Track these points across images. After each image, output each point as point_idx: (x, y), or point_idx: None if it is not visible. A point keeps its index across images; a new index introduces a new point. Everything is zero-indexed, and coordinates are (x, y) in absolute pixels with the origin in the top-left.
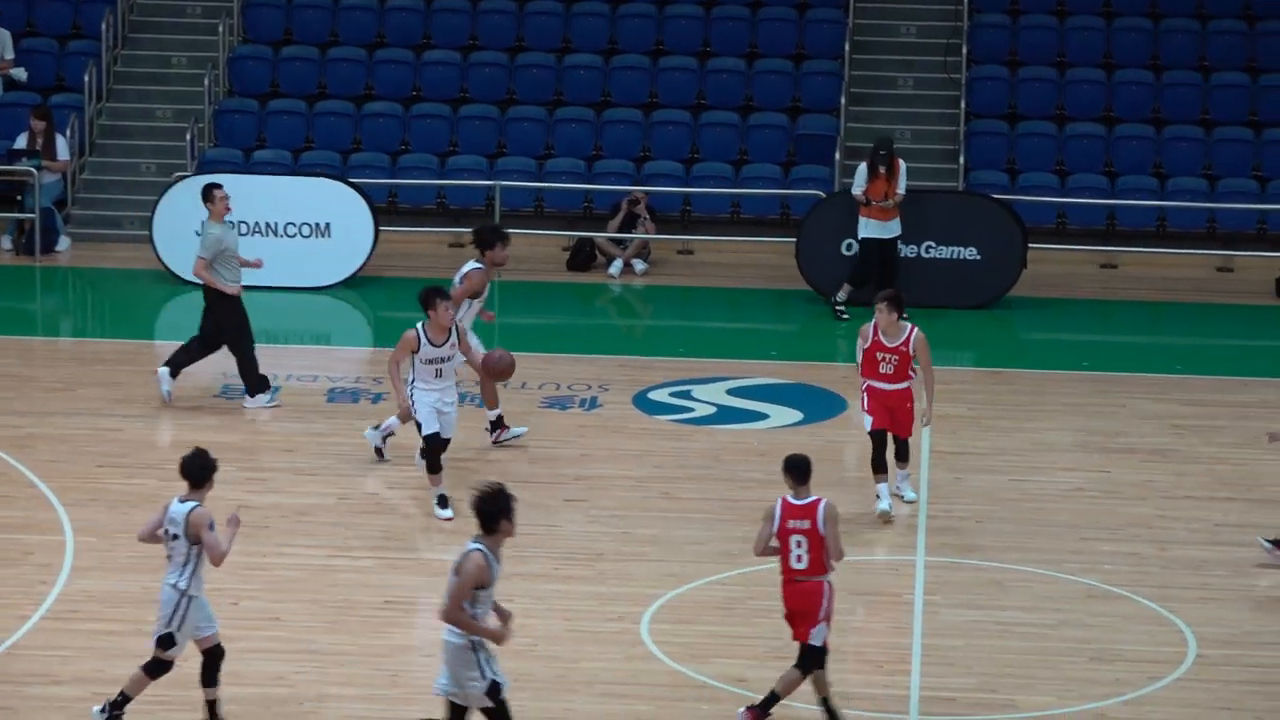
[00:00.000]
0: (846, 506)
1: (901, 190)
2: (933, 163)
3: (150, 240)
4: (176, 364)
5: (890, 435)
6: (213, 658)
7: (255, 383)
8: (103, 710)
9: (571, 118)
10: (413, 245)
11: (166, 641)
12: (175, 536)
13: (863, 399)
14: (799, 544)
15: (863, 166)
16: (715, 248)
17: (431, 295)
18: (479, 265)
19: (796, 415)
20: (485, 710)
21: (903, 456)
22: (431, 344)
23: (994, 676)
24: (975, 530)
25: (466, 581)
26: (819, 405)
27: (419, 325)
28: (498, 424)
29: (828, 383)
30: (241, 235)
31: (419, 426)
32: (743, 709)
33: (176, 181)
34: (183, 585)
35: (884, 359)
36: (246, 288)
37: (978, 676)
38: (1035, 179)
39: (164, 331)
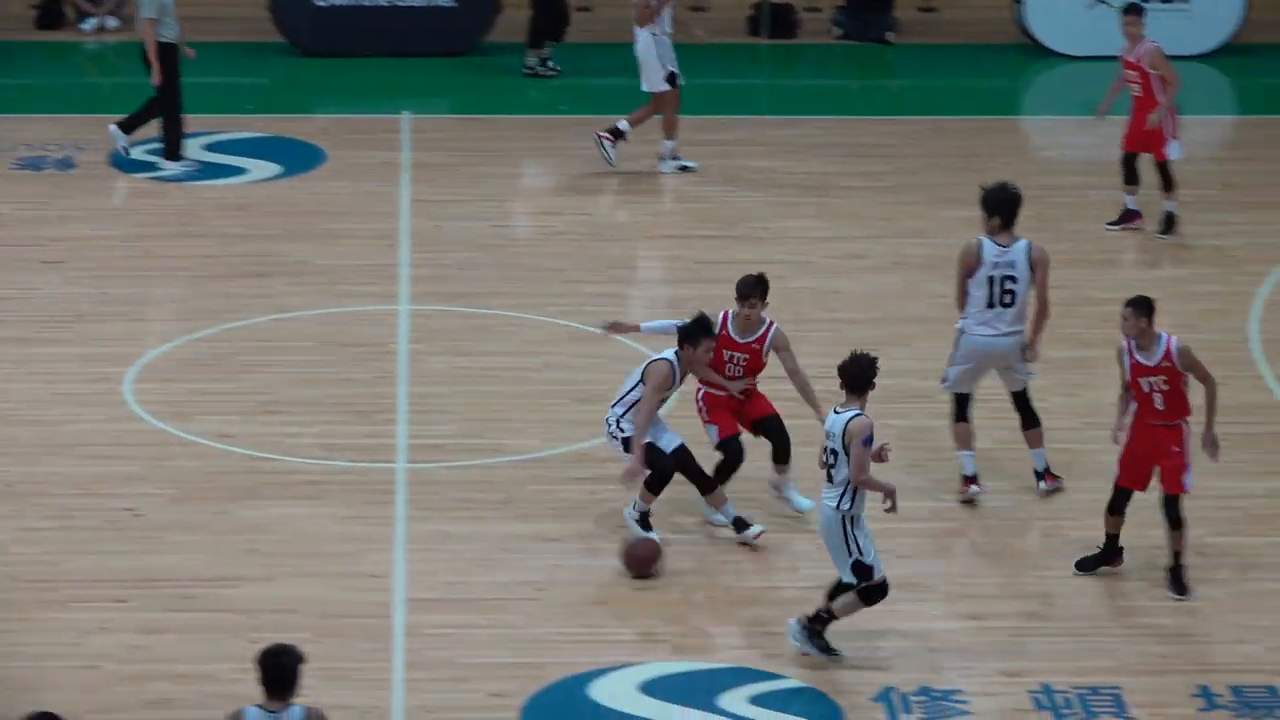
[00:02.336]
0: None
1: None
2: None
3: None
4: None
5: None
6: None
7: (176, 146)
8: (814, 618)
9: None
10: None
11: (859, 570)
12: (834, 451)
13: (700, 409)
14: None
15: None
16: (186, 0)
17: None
18: None
19: (275, 168)
20: None
21: (781, 457)
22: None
23: (480, 421)
24: (458, 277)
25: None
26: (297, 158)
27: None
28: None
29: (305, 135)
30: None
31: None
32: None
33: None
34: (836, 504)
35: (730, 358)
36: None
37: (464, 422)
38: None
39: None
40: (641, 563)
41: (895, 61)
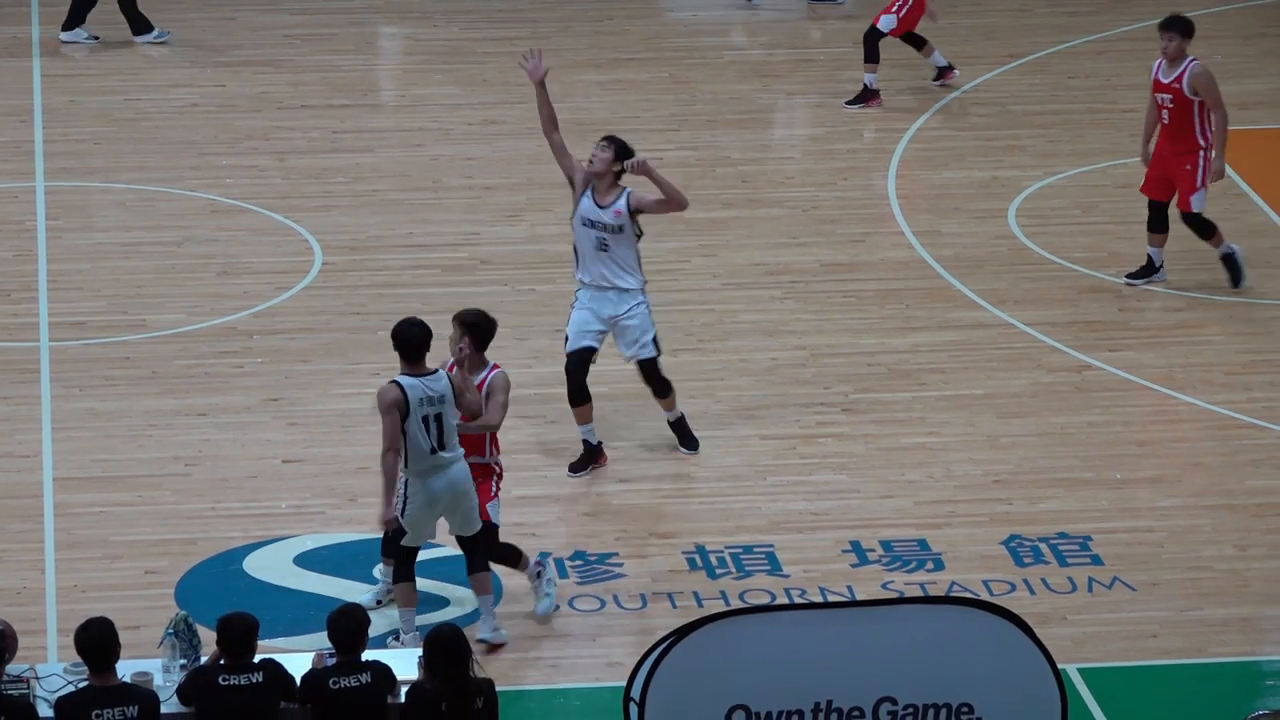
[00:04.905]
0: None
1: None
2: None
3: None
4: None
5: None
6: None
7: (138, 20)
8: None
9: None
10: None
11: None
12: None
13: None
14: None
15: None
16: None
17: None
18: None
19: None
20: None
21: (508, 559)
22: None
23: (122, 298)
24: (94, 152)
25: None
26: None
27: None
28: None
29: None
30: None
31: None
32: None
33: None
34: None
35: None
36: None
37: (106, 299)
38: None
39: None
40: None
41: None
